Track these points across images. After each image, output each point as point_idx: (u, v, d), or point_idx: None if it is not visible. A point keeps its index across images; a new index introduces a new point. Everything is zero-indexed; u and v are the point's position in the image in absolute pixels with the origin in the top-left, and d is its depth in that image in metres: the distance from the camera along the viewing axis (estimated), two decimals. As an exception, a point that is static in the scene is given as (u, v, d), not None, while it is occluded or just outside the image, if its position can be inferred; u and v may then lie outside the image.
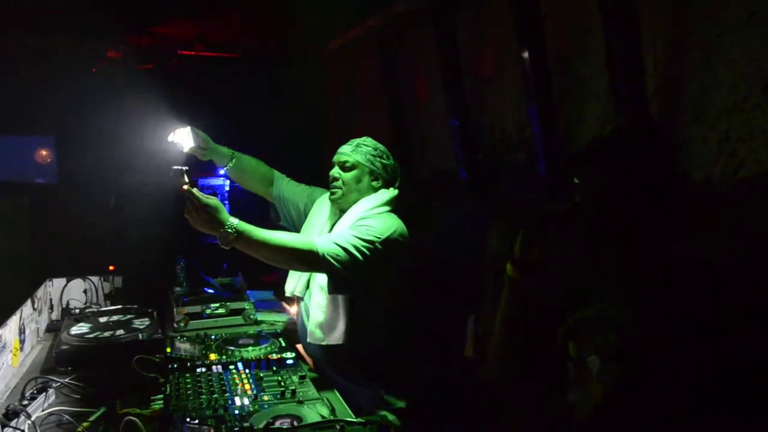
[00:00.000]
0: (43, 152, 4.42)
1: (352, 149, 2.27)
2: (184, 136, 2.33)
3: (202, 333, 2.46)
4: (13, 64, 3.87)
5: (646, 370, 1.30)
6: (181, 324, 2.57)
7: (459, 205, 2.89)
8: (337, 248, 1.98)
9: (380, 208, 2.20)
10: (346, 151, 2.27)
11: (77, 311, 2.78)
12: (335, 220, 2.31)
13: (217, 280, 3.15)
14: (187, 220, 1.87)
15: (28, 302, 2.45)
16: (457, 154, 2.78)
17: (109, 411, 1.78)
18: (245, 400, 1.81)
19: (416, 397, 2.22)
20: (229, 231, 1.84)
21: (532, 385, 1.60)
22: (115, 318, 2.60)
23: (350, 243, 2.00)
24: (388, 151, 2.32)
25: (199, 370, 2.04)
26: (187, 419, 1.63)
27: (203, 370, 2.04)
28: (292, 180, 2.62)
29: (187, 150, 2.36)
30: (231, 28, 3.96)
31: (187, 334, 2.44)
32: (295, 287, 2.37)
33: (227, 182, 4.11)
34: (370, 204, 2.21)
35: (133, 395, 1.86)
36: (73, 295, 2.96)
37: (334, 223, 2.30)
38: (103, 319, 2.57)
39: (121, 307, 2.75)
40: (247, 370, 2.04)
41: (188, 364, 2.07)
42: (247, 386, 1.91)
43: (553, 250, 1.48)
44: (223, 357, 2.18)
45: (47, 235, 3.91)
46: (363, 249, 2.01)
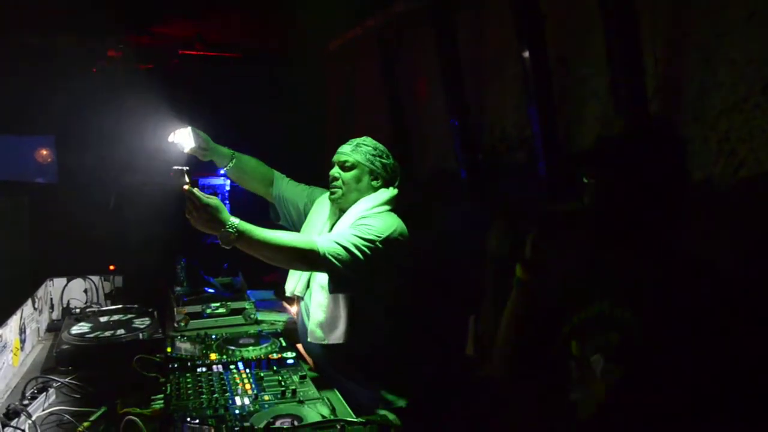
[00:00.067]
0: (44, 152, 4.42)
1: (352, 149, 2.27)
2: (184, 137, 2.33)
3: (202, 333, 2.46)
4: (14, 64, 3.87)
5: (648, 371, 1.30)
6: (182, 324, 2.58)
7: (459, 205, 2.89)
8: (337, 247, 1.98)
9: (380, 208, 2.21)
10: (346, 151, 2.28)
11: (78, 311, 2.78)
12: (335, 220, 2.31)
13: (217, 280, 3.15)
14: (187, 220, 1.88)
15: (29, 302, 2.45)
16: (457, 154, 2.78)
17: (110, 411, 1.78)
18: (246, 399, 1.81)
19: (416, 397, 2.22)
20: (230, 231, 1.84)
21: (534, 383, 1.60)
22: (116, 318, 2.60)
23: (351, 242, 2.00)
24: (388, 151, 2.32)
25: (199, 369, 2.04)
26: (188, 419, 1.63)
27: (204, 369, 2.04)
28: (292, 180, 2.62)
29: (188, 150, 2.36)
30: (231, 28, 3.96)
31: (187, 334, 2.45)
32: (295, 287, 2.37)
33: (228, 182, 4.11)
34: (370, 203, 2.21)
35: (133, 395, 1.86)
36: (74, 295, 2.96)
37: (334, 223, 2.30)
38: (103, 319, 2.58)
39: (121, 306, 2.76)
40: (248, 370, 2.04)
41: (189, 364, 2.07)
42: (248, 386, 1.91)
43: (561, 250, 1.48)
44: (224, 357, 2.18)
45: (47, 235, 3.91)
46: (363, 248, 2.01)
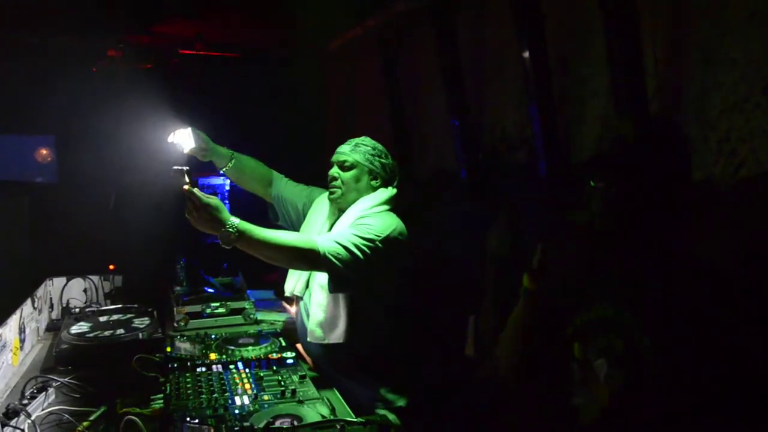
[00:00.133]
0: (44, 151, 4.43)
1: (351, 149, 2.27)
2: (184, 137, 2.32)
3: (202, 332, 2.46)
4: (14, 64, 3.88)
5: (652, 376, 1.28)
6: (182, 323, 2.57)
7: (459, 205, 2.89)
8: (338, 247, 1.98)
9: (379, 207, 2.21)
10: (345, 151, 2.27)
11: (77, 310, 2.78)
12: (334, 220, 2.31)
13: (217, 280, 3.14)
14: (187, 220, 1.87)
15: (28, 301, 2.45)
16: (457, 154, 2.78)
17: (109, 410, 1.78)
18: (245, 399, 1.81)
19: (416, 396, 2.22)
20: (230, 230, 1.84)
21: (536, 384, 1.59)
22: (115, 317, 2.60)
23: (351, 241, 2.00)
24: (387, 151, 2.32)
25: (199, 369, 2.04)
26: (188, 419, 1.62)
27: (203, 369, 2.04)
28: (291, 180, 2.62)
29: (188, 151, 2.35)
30: (231, 28, 3.96)
31: (187, 334, 2.44)
32: (294, 287, 2.37)
33: (227, 182, 4.11)
34: (369, 203, 2.21)
35: (133, 394, 1.86)
36: (73, 294, 2.95)
37: (333, 223, 2.30)
38: (103, 319, 2.57)
39: (121, 306, 2.75)
40: (248, 370, 2.04)
41: (188, 364, 2.07)
42: (248, 386, 1.91)
43: (561, 251, 1.48)
44: (224, 356, 2.18)
45: (47, 235, 3.92)
46: (363, 247, 2.01)
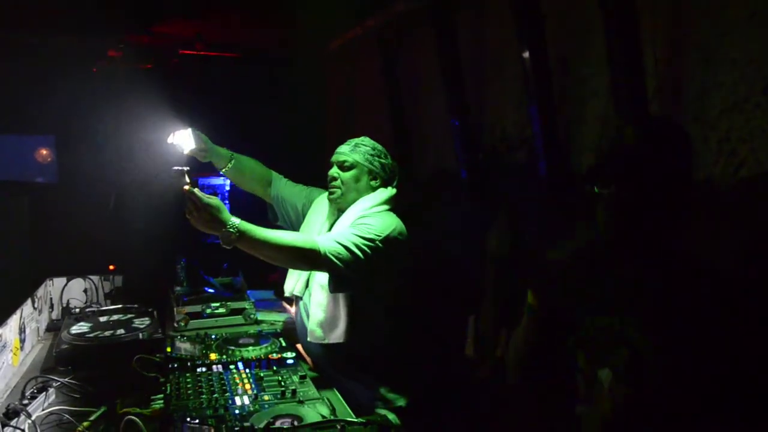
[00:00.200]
0: (44, 151, 4.43)
1: (351, 149, 2.27)
2: (184, 138, 2.32)
3: (202, 332, 2.46)
4: (14, 64, 3.88)
5: (656, 389, 1.27)
6: (182, 323, 2.57)
7: (459, 205, 2.89)
8: (338, 246, 1.98)
9: (379, 207, 2.21)
10: (345, 151, 2.27)
11: (77, 310, 2.77)
12: (334, 220, 2.31)
13: (217, 280, 3.15)
14: (188, 220, 1.87)
15: (29, 301, 2.45)
16: (458, 154, 2.78)
17: (110, 410, 1.78)
18: (245, 399, 1.81)
19: (416, 396, 2.22)
20: (231, 231, 1.84)
21: (538, 388, 1.59)
22: (116, 317, 2.60)
23: (351, 241, 2.00)
24: (386, 151, 2.32)
25: (199, 369, 2.04)
26: (188, 419, 1.63)
27: (203, 369, 2.04)
28: (290, 180, 2.62)
29: (188, 152, 2.35)
30: (231, 28, 3.96)
31: (187, 334, 2.44)
32: (294, 287, 2.36)
33: (228, 182, 4.11)
34: (369, 203, 2.21)
35: (133, 395, 1.86)
36: (74, 295, 2.96)
37: (333, 223, 2.30)
38: (103, 319, 2.57)
39: (121, 306, 2.75)
40: (248, 370, 2.04)
41: (188, 364, 2.07)
42: (248, 386, 1.91)
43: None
44: (224, 357, 2.18)
45: (47, 235, 3.92)
46: (364, 247, 2.01)
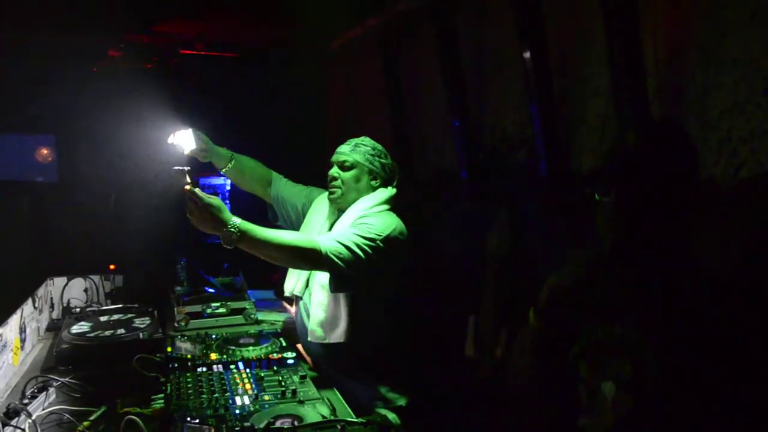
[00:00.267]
0: (44, 151, 4.43)
1: (351, 149, 2.27)
2: (185, 138, 2.32)
3: (202, 332, 2.46)
4: (15, 63, 3.88)
5: (659, 400, 1.26)
6: (182, 323, 2.57)
7: (459, 205, 2.89)
8: (339, 246, 1.98)
9: (379, 207, 2.21)
10: (345, 151, 2.28)
11: (78, 310, 2.78)
12: (334, 220, 2.31)
13: (217, 280, 3.14)
14: (188, 220, 1.87)
15: (29, 301, 2.45)
16: (458, 154, 2.78)
17: (110, 410, 1.78)
18: (246, 399, 1.81)
19: (416, 396, 2.22)
20: (231, 230, 1.84)
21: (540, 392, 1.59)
22: (116, 317, 2.60)
23: (352, 241, 2.01)
24: (386, 151, 2.32)
25: (199, 369, 2.04)
26: (188, 419, 1.63)
27: (204, 369, 2.04)
28: (290, 180, 2.62)
29: (188, 152, 2.35)
30: (231, 28, 3.96)
31: (187, 334, 2.44)
32: (294, 286, 2.36)
33: (228, 181, 4.11)
34: (369, 203, 2.21)
35: (133, 394, 1.86)
36: (74, 294, 2.95)
37: (333, 223, 2.30)
38: (103, 318, 2.57)
39: (121, 306, 2.75)
40: (248, 370, 2.04)
41: (189, 364, 2.07)
42: (248, 386, 1.91)
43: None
44: (224, 356, 2.18)
45: (47, 235, 3.92)
46: (365, 247, 2.01)
